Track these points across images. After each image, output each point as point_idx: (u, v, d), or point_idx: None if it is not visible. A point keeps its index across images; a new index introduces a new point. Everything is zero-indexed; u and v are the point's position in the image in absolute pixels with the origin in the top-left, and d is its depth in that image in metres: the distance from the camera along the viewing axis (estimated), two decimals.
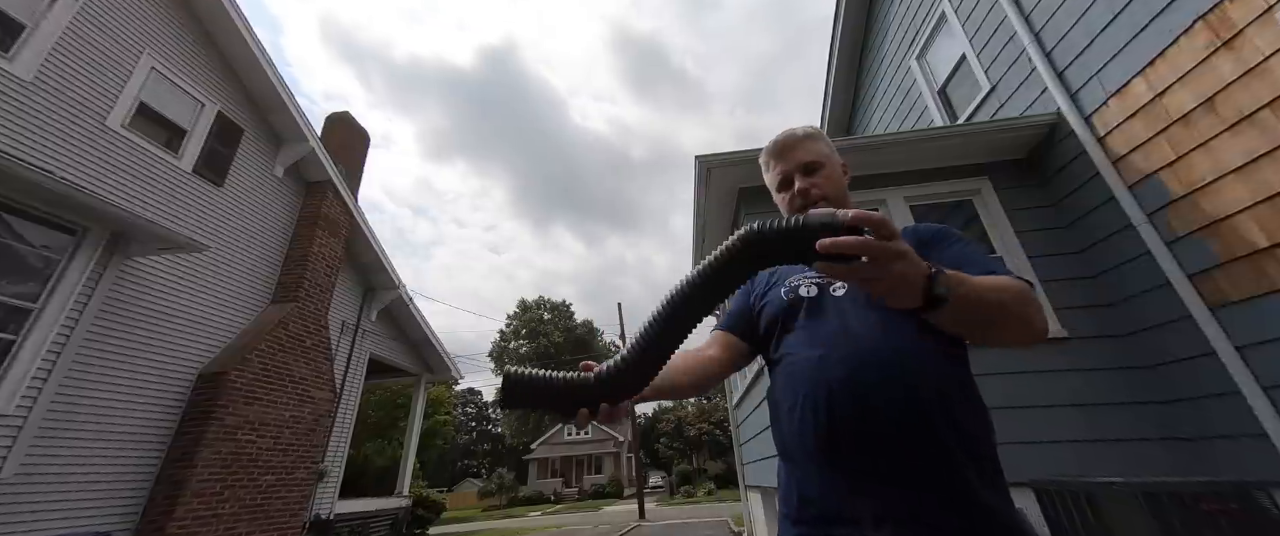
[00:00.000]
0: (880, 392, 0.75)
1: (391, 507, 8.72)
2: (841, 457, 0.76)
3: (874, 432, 0.74)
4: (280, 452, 5.68)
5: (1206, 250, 2.65)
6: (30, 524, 4.00)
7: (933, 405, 0.73)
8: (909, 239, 0.92)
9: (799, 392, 0.83)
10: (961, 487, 0.70)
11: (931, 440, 0.72)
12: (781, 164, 1.04)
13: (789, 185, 1.03)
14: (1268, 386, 2.40)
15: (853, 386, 0.76)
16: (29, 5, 4.51)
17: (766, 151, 1.08)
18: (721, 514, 13.66)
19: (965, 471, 0.71)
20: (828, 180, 1.00)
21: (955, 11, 4.59)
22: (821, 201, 0.99)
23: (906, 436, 0.72)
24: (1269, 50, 2.34)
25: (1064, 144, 3.45)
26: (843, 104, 7.48)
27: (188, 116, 5.80)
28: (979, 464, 0.73)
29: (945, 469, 0.71)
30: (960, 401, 0.77)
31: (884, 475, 0.73)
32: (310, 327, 6.47)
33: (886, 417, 0.73)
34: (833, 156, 1.05)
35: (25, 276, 4.08)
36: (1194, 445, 2.76)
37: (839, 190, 1.02)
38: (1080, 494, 2.45)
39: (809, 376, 0.82)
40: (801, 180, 1.00)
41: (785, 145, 1.04)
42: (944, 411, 0.74)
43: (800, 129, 1.07)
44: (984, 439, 0.77)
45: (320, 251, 6.87)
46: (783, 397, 0.87)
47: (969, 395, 0.80)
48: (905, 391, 0.74)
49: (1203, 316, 2.64)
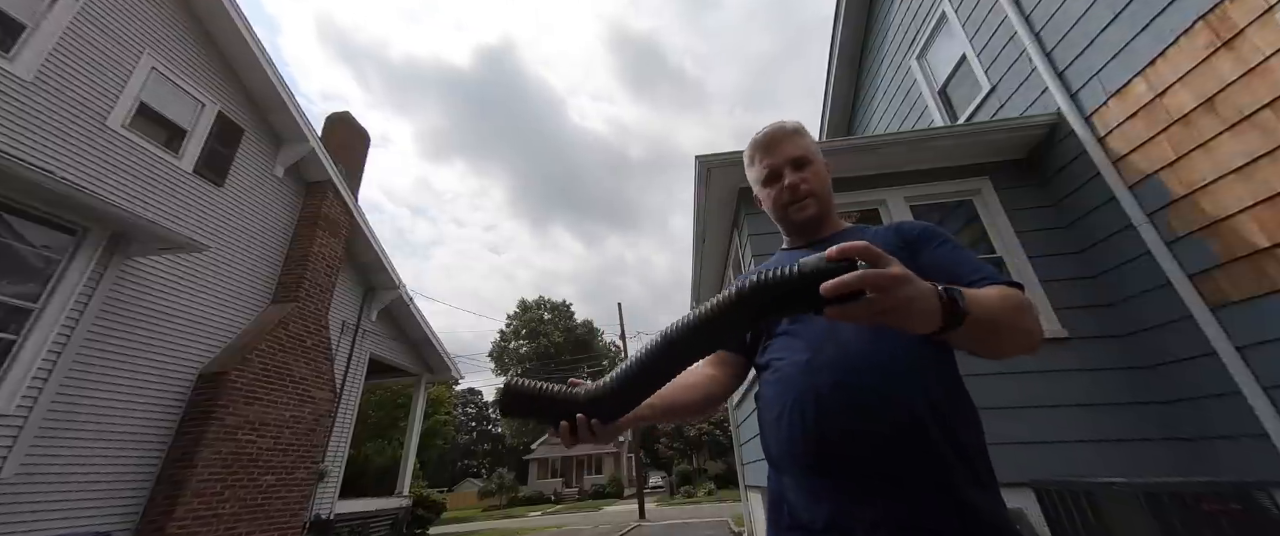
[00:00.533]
0: (869, 398, 0.73)
1: (392, 507, 8.72)
2: (831, 465, 0.74)
3: (864, 439, 0.72)
4: (280, 452, 5.68)
5: (1207, 250, 2.65)
6: (30, 523, 4.00)
7: (923, 409, 0.72)
8: (893, 238, 0.91)
9: (787, 399, 0.81)
10: (955, 492, 0.69)
11: (924, 446, 0.71)
12: (769, 158, 1.02)
13: (777, 179, 1.01)
14: (1268, 386, 2.40)
15: (842, 392, 0.75)
16: (29, 5, 4.51)
17: (752, 145, 1.06)
18: (722, 514, 13.66)
19: (957, 475, 0.70)
20: (816, 176, 0.99)
21: (955, 11, 4.58)
22: (809, 197, 0.98)
23: (898, 442, 0.71)
24: (1269, 50, 2.34)
25: (1064, 144, 3.44)
26: (843, 104, 7.48)
27: (188, 116, 5.80)
28: (971, 466, 0.72)
29: (938, 474, 0.70)
30: (951, 404, 0.76)
31: (876, 483, 0.71)
32: (310, 327, 6.47)
33: (877, 423, 0.72)
34: (818, 155, 1.04)
35: (26, 276, 4.08)
36: (1195, 445, 2.76)
37: (825, 188, 1.01)
38: (1081, 494, 2.45)
39: (797, 382, 0.80)
40: (791, 175, 0.99)
41: (773, 139, 1.03)
42: (935, 415, 0.72)
43: (789, 123, 1.05)
44: (975, 441, 0.76)
45: (320, 251, 6.87)
46: (770, 404, 0.85)
47: (958, 397, 0.79)
48: (895, 396, 0.73)
49: (1203, 316, 2.64)
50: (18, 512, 3.94)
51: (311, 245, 6.75)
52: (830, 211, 1.02)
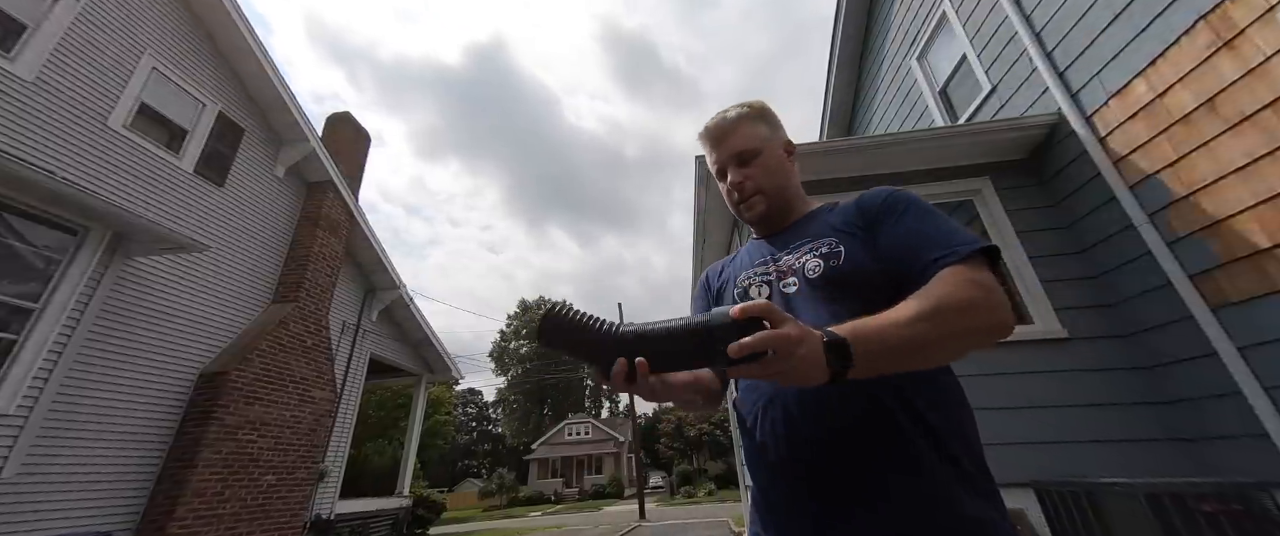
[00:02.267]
0: (838, 399, 0.71)
1: (392, 507, 8.72)
2: (805, 474, 0.72)
3: (836, 445, 0.70)
4: (281, 452, 5.68)
5: (1207, 250, 2.64)
6: (32, 523, 4.00)
7: (896, 406, 0.69)
8: (853, 215, 0.86)
9: (757, 405, 0.80)
10: (935, 494, 0.65)
11: (898, 446, 0.68)
12: (716, 153, 0.97)
13: (724, 177, 0.96)
14: (1269, 386, 2.40)
15: (809, 395, 0.72)
16: (31, 6, 4.52)
17: (701, 136, 0.99)
18: (722, 514, 13.66)
19: (937, 474, 0.66)
20: (763, 169, 0.93)
21: (956, 12, 4.58)
22: (756, 195, 0.93)
23: (870, 445, 0.69)
24: (1270, 50, 2.33)
25: (1065, 144, 3.44)
26: (843, 104, 7.48)
27: (189, 117, 5.80)
28: (954, 464, 0.68)
29: (915, 476, 0.66)
30: (927, 397, 0.71)
31: (852, 490, 0.68)
32: (311, 327, 6.48)
33: (848, 426, 0.70)
34: (773, 137, 0.96)
35: (27, 276, 4.08)
36: (1195, 445, 2.76)
37: (777, 179, 0.94)
38: (1082, 494, 2.45)
39: (766, 386, 0.79)
40: (735, 173, 0.94)
41: (717, 134, 0.96)
42: (909, 411, 0.69)
43: (733, 110, 0.97)
44: (958, 434, 0.71)
45: (321, 251, 6.88)
46: (744, 411, 0.84)
47: (938, 388, 0.74)
48: (866, 395, 0.70)
49: (1204, 317, 2.64)
50: (19, 512, 3.94)
51: (312, 245, 6.76)
52: (789, 200, 0.96)
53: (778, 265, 0.90)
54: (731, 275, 1.00)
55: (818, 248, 0.85)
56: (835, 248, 0.83)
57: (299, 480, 5.88)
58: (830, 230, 0.87)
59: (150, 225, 4.58)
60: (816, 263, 0.83)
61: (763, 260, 0.94)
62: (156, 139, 5.44)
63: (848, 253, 0.81)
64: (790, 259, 0.88)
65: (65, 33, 4.72)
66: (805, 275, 0.84)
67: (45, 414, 4.09)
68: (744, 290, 0.92)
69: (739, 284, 0.94)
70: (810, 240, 0.88)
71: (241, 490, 5.16)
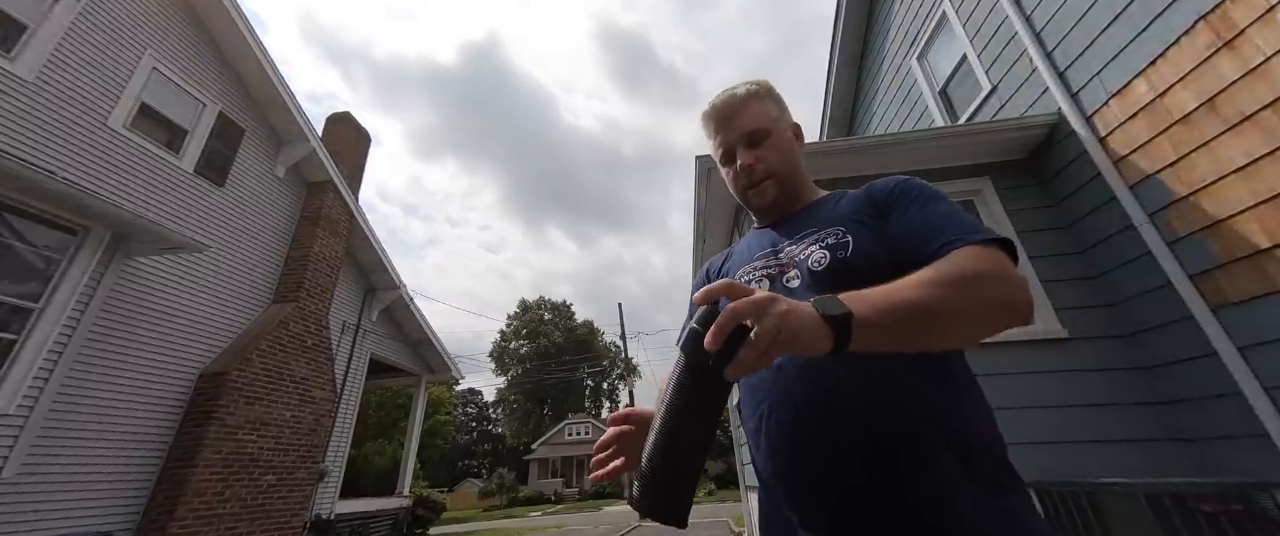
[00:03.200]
0: (846, 398, 0.66)
1: (392, 507, 8.73)
2: (815, 478, 0.68)
3: (846, 447, 0.66)
4: (281, 452, 5.69)
5: (1207, 250, 2.64)
6: (32, 523, 4.00)
7: (908, 402, 0.66)
8: (861, 202, 0.83)
9: (761, 407, 0.75)
10: (949, 497, 0.61)
11: (913, 446, 0.63)
12: (723, 134, 0.90)
13: (732, 160, 0.90)
14: (1269, 387, 2.40)
15: (816, 395, 0.68)
16: (31, 6, 4.52)
17: (704, 116, 0.92)
18: (722, 514, 13.65)
19: (951, 476, 0.62)
20: (774, 150, 0.88)
21: (956, 12, 4.58)
22: (767, 180, 0.88)
23: (882, 445, 0.64)
24: (1270, 50, 2.33)
25: (1065, 144, 3.44)
26: (843, 104, 7.48)
27: (189, 117, 5.80)
28: (971, 465, 0.63)
29: (930, 479, 0.61)
30: (941, 392, 0.67)
31: (863, 494, 0.64)
32: (311, 327, 6.48)
33: (857, 427, 0.65)
34: (782, 118, 0.91)
35: (27, 276, 4.09)
36: (1196, 446, 2.75)
37: (788, 161, 0.90)
38: (1082, 494, 2.45)
39: (770, 387, 0.74)
40: (745, 154, 0.88)
41: (725, 112, 0.90)
42: (922, 409, 0.65)
43: (742, 88, 0.91)
44: (976, 432, 0.67)
45: (321, 251, 6.88)
46: (747, 414, 0.79)
47: (953, 382, 0.70)
48: (876, 391, 0.66)
49: (1204, 317, 2.64)
50: (20, 512, 3.94)
51: (312, 245, 6.76)
52: (799, 186, 0.92)
53: (780, 257, 0.85)
54: (731, 269, 0.96)
55: (824, 238, 0.80)
56: (842, 237, 0.78)
57: (299, 480, 5.88)
58: (838, 219, 0.82)
59: (150, 225, 4.59)
60: (822, 254, 0.78)
61: (764, 252, 0.89)
62: (157, 139, 5.44)
63: (856, 243, 0.76)
64: (794, 250, 0.83)
65: (65, 33, 4.72)
66: (809, 268, 0.78)
67: (45, 414, 4.09)
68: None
69: (741, 280, 0.89)
70: (816, 229, 0.83)
71: (242, 490, 5.17)
